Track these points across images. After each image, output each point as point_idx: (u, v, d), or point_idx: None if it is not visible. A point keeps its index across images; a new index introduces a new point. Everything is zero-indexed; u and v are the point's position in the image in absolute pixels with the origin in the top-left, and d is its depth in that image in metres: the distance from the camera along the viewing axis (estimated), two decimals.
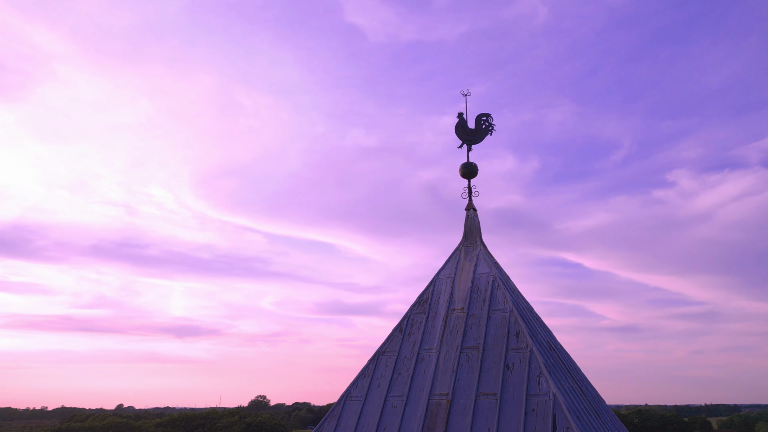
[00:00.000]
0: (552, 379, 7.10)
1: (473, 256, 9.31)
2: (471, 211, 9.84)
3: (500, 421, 6.85)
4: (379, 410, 7.64)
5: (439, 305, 8.71)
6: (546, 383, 7.01)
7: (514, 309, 8.11)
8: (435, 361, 7.93)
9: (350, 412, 7.81)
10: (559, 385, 7.12)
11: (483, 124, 10.40)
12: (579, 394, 7.75)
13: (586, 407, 7.47)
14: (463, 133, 10.25)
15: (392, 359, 8.26)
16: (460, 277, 9.02)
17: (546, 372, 7.15)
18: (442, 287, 9.02)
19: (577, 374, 8.57)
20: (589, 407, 7.61)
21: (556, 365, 7.80)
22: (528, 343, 7.57)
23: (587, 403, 7.74)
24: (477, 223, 9.79)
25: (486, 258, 9.16)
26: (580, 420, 6.85)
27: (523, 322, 7.98)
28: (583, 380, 8.69)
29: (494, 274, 8.80)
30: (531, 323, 8.30)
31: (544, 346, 8.10)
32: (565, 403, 6.82)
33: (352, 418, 7.73)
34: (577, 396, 7.52)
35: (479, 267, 9.04)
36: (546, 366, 7.29)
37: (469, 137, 10.24)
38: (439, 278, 9.20)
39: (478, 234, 9.69)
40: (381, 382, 7.99)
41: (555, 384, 7.01)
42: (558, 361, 8.14)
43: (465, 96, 10.47)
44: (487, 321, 8.13)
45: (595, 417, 7.55)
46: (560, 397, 6.84)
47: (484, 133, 10.35)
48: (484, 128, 10.38)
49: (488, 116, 10.46)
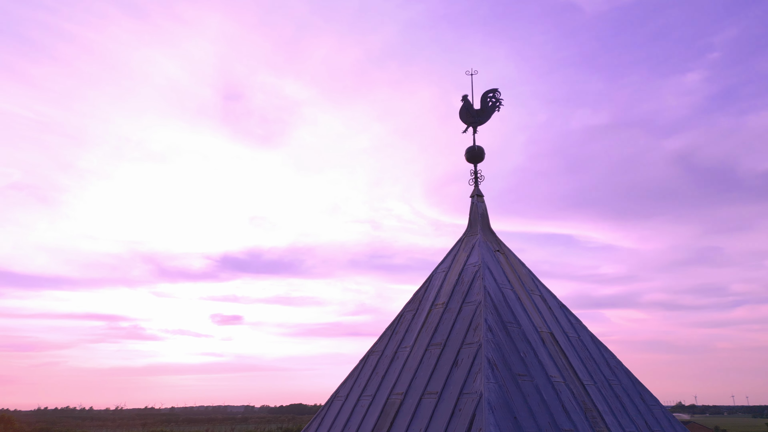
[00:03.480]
0: (494, 376, 6.42)
1: (470, 245, 8.72)
2: (476, 198, 9.21)
3: (431, 421, 6.45)
4: (351, 410, 7.72)
5: (427, 301, 8.39)
6: (480, 381, 6.36)
7: (483, 300, 7.45)
8: (405, 359, 7.71)
9: (333, 412, 8.02)
10: (501, 383, 6.39)
11: (489, 101, 9.65)
12: (550, 392, 6.78)
13: (542, 407, 6.52)
14: (468, 115, 9.65)
15: (376, 358, 8.23)
16: (452, 270, 8.55)
17: (487, 368, 6.48)
18: (435, 282, 8.65)
19: (590, 372, 7.46)
20: (556, 408, 6.62)
21: (525, 360, 6.95)
22: (480, 337, 6.92)
23: (559, 402, 6.73)
24: (481, 210, 9.14)
25: (481, 247, 8.52)
26: (514, 420, 6.06)
27: (492, 313, 7.29)
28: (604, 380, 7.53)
29: (480, 263, 8.14)
30: (507, 314, 7.50)
31: (523, 338, 7.26)
32: (496, 402, 6.12)
33: (333, 417, 7.93)
34: (533, 394, 6.60)
35: (471, 257, 8.45)
36: (494, 362, 6.60)
37: (475, 119, 9.59)
38: (436, 272, 8.83)
39: (481, 221, 9.03)
40: (361, 382, 8.04)
41: (491, 381, 6.33)
42: (543, 356, 7.22)
43: (471, 76, 9.85)
44: (457, 315, 7.62)
45: (565, 417, 6.54)
46: (488, 395, 6.15)
47: (491, 111, 9.61)
48: (491, 105, 9.63)
49: (495, 91, 9.69)
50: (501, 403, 6.22)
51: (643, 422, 7.56)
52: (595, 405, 7.19)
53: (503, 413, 6.11)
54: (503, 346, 6.99)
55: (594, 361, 8.01)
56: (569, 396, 7.03)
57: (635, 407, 7.73)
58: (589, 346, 8.22)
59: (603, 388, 7.61)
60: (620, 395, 7.75)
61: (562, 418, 6.63)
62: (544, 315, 8.12)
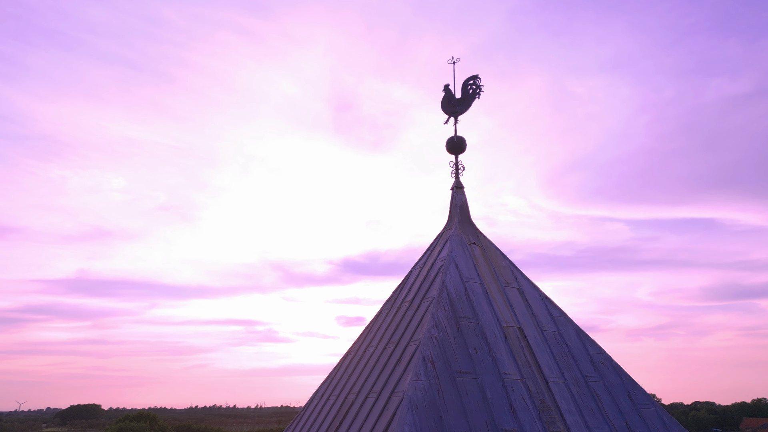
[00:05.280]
0: (425, 373, 6.24)
1: (445, 240, 8.47)
2: (455, 190, 8.93)
3: (365, 421, 6.41)
4: (320, 409, 7.85)
5: (399, 299, 8.29)
6: (408, 379, 6.21)
7: (438, 296, 7.24)
8: (368, 358, 7.69)
9: (308, 411, 8.20)
10: (433, 381, 6.19)
11: (469, 88, 9.31)
12: (497, 390, 6.44)
13: (481, 406, 6.21)
14: (449, 105, 9.38)
15: (350, 358, 8.28)
16: (425, 266, 8.37)
17: (420, 366, 6.32)
18: (410, 279, 8.52)
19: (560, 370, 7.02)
20: (492, 408, 6.27)
21: (474, 357, 6.67)
22: (423, 333, 6.73)
23: (507, 401, 6.37)
24: (460, 203, 8.84)
25: (453, 241, 8.25)
26: (439, 419, 5.86)
27: (445, 309, 7.08)
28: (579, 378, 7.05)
29: (445, 257, 7.90)
30: (465, 309, 7.21)
31: (479, 334, 6.97)
32: (421, 401, 5.96)
33: (307, 417, 8.11)
34: (474, 393, 6.30)
35: (442, 252, 8.22)
36: (432, 359, 6.42)
37: (456, 108, 9.30)
38: (414, 269, 8.68)
39: (459, 215, 8.74)
40: (334, 382, 8.14)
41: (421, 379, 6.16)
42: (500, 352, 6.88)
43: (453, 64, 9.57)
44: (415, 312, 7.46)
45: (487, 417, 6.20)
46: (412, 393, 6.00)
47: (471, 99, 9.27)
48: (471, 93, 9.28)
49: (475, 78, 9.32)
50: (427, 402, 6.02)
51: (623, 422, 6.92)
52: (556, 403, 6.71)
53: (426, 412, 5.92)
54: (449, 343, 6.74)
55: (572, 356, 7.45)
56: (524, 394, 6.62)
57: (616, 406, 7.09)
58: (570, 341, 7.65)
59: (576, 386, 7.06)
60: (599, 393, 7.14)
61: (506, 417, 6.27)
62: (516, 309, 7.69)
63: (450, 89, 9.47)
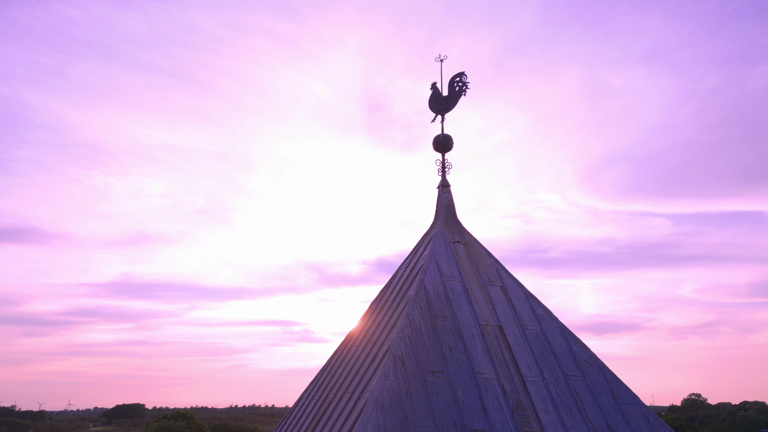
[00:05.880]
0: (394, 373, 6.25)
1: (429, 239, 8.44)
2: (441, 188, 8.88)
3: (337, 421, 6.44)
4: (304, 409, 7.92)
5: (383, 299, 8.30)
6: (376, 379, 6.22)
7: (415, 295, 7.22)
8: (349, 359, 7.72)
9: (295, 410, 8.28)
10: (402, 381, 6.19)
11: (456, 86, 9.24)
12: (470, 389, 6.39)
13: (451, 406, 6.17)
14: (437, 103, 9.33)
15: (336, 357, 8.33)
16: (410, 265, 8.36)
17: (389, 365, 6.32)
18: (395, 278, 8.51)
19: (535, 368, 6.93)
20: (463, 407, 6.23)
21: (448, 356, 6.64)
22: (395, 333, 6.73)
23: (478, 400, 6.32)
24: (446, 201, 8.78)
25: (436, 239, 8.22)
26: (404, 419, 5.86)
27: (422, 308, 7.06)
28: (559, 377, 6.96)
29: (426, 257, 7.88)
30: (443, 308, 7.17)
31: (455, 333, 6.93)
32: (387, 400, 5.97)
33: (292, 415, 8.19)
34: (444, 392, 6.26)
35: (425, 251, 8.19)
36: (403, 358, 6.42)
37: (443, 106, 9.25)
38: (400, 268, 8.67)
39: (445, 213, 8.68)
40: (319, 381, 8.20)
41: (389, 378, 6.17)
42: (476, 351, 6.84)
43: (441, 62, 9.52)
44: (393, 312, 7.46)
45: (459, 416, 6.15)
46: (379, 393, 6.02)
47: (457, 97, 9.19)
48: (457, 90, 9.20)
49: (461, 75, 9.25)
50: (393, 401, 6.02)
51: (603, 422, 6.78)
52: (532, 403, 6.61)
53: (392, 412, 5.92)
54: (422, 342, 6.72)
55: (554, 355, 7.32)
56: (498, 393, 6.55)
57: (598, 405, 6.94)
58: (553, 339, 7.53)
59: (555, 385, 6.95)
60: (580, 392, 7.01)
61: (476, 417, 6.22)
62: (498, 307, 7.60)
63: (437, 87, 9.43)
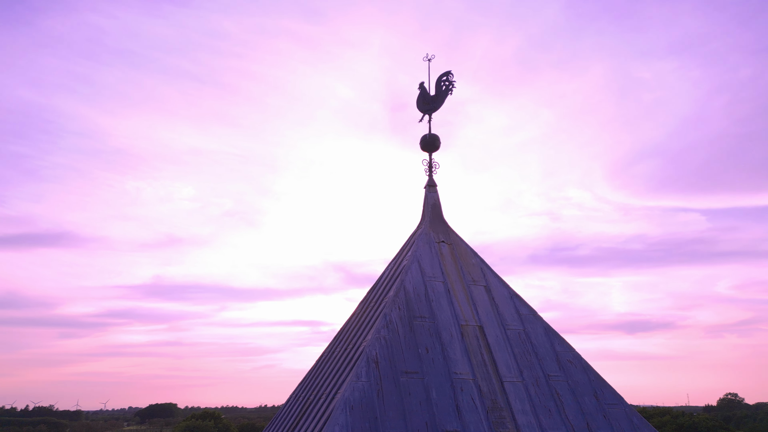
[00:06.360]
0: (367, 374, 6.27)
1: (414, 239, 8.43)
2: (428, 188, 8.86)
3: (312, 421, 6.48)
4: (290, 410, 7.98)
5: (369, 299, 8.31)
6: (348, 380, 6.24)
7: (395, 296, 7.22)
8: (331, 360, 7.76)
9: (283, 411, 8.34)
10: (374, 382, 6.20)
11: (443, 85, 9.21)
12: (445, 390, 6.37)
13: (423, 406, 6.15)
14: (424, 103, 9.31)
15: (321, 359, 8.37)
16: (394, 266, 8.36)
17: (362, 367, 6.34)
18: (381, 278, 8.52)
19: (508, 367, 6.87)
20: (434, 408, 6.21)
21: (424, 357, 6.63)
22: (370, 336, 6.74)
23: (452, 401, 6.29)
24: (432, 201, 8.75)
25: (420, 239, 8.20)
26: (374, 420, 5.87)
27: (400, 308, 7.06)
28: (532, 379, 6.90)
29: (409, 257, 7.87)
30: (422, 309, 7.16)
31: (433, 333, 6.92)
32: (358, 401, 5.99)
33: (279, 416, 8.26)
34: (418, 393, 6.25)
35: (409, 252, 8.18)
36: (377, 359, 6.43)
37: (430, 106, 9.23)
38: (386, 269, 8.67)
39: (431, 213, 8.65)
40: (304, 383, 8.25)
41: (361, 379, 6.19)
42: (453, 351, 6.81)
43: (428, 61, 9.49)
44: (373, 313, 7.47)
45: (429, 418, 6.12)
46: (350, 394, 6.04)
47: (444, 96, 9.16)
48: (444, 90, 9.17)
49: (448, 74, 9.21)
50: (364, 402, 6.03)
51: (583, 423, 6.67)
52: (509, 403, 6.55)
53: (362, 413, 5.93)
54: (398, 343, 6.71)
55: (536, 355, 7.24)
56: (474, 394, 6.51)
57: (579, 406, 6.84)
58: (536, 339, 7.44)
59: (535, 386, 6.87)
60: (561, 393, 6.91)
61: (449, 417, 6.19)
62: (480, 307, 7.55)
63: (425, 87, 9.41)
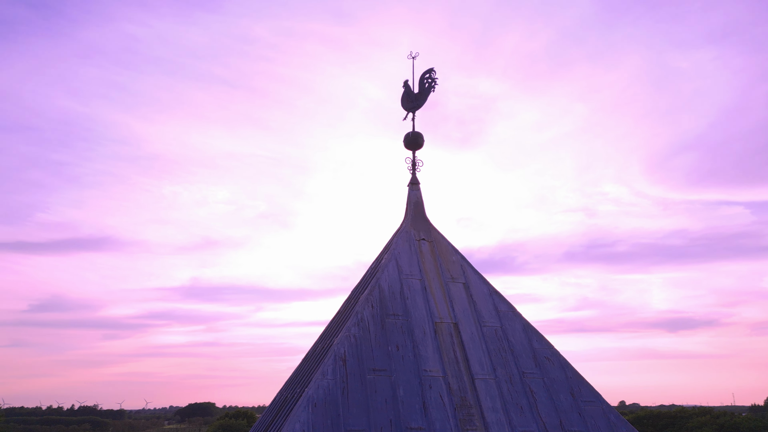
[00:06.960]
0: (333, 372, 6.32)
1: (393, 238, 8.43)
2: (411, 186, 8.85)
3: (280, 419, 6.56)
4: (272, 407, 8.08)
5: (350, 298, 8.35)
6: (315, 378, 6.30)
7: (368, 294, 7.25)
8: (309, 358, 7.83)
9: (267, 409, 8.45)
10: (339, 379, 6.25)
11: (426, 82, 9.18)
12: (412, 388, 6.37)
13: (389, 404, 6.16)
14: (408, 101, 9.30)
15: (304, 357, 8.44)
16: (375, 264, 8.37)
17: (329, 364, 6.39)
18: (363, 278, 8.54)
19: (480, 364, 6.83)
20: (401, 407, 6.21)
21: (394, 354, 6.64)
22: (340, 334, 6.78)
23: (420, 399, 6.29)
24: (415, 199, 8.73)
25: (399, 237, 8.19)
26: (336, 417, 5.92)
27: (373, 306, 7.09)
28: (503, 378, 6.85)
29: (387, 255, 7.88)
30: (396, 306, 7.16)
31: (405, 331, 6.92)
32: (321, 399, 6.05)
33: (265, 413, 8.37)
34: (384, 390, 6.27)
35: (389, 249, 8.19)
36: (345, 357, 6.47)
37: (414, 104, 9.21)
38: (368, 267, 8.69)
39: (414, 210, 8.64)
40: (288, 381, 8.33)
41: (327, 377, 6.24)
42: (425, 349, 6.80)
43: (413, 59, 9.48)
44: (349, 311, 7.51)
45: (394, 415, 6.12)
46: (313, 392, 6.10)
47: (427, 93, 9.12)
48: (427, 87, 9.14)
49: (431, 71, 9.18)
50: (328, 400, 6.07)
51: (557, 420, 6.58)
52: (479, 401, 6.50)
53: (324, 411, 5.97)
54: (367, 341, 6.73)
55: (512, 352, 7.16)
56: (442, 392, 6.48)
57: (553, 403, 6.74)
58: (513, 336, 7.36)
59: (508, 383, 6.80)
60: (535, 390, 6.83)
61: (415, 415, 6.18)
62: (456, 304, 7.50)
63: (409, 85, 9.40)
